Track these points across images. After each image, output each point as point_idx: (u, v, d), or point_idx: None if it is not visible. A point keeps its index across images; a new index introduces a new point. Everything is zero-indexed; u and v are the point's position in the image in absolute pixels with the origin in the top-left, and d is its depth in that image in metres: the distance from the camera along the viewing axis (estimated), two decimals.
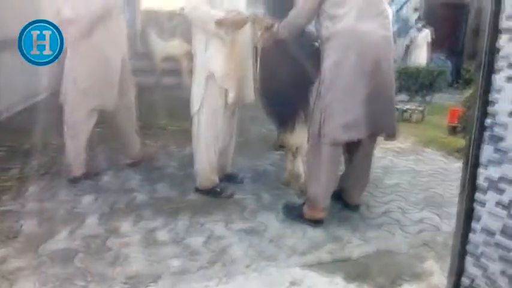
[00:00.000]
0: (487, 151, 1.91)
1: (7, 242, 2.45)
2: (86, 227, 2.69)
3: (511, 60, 1.80)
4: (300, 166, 3.42)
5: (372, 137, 2.94)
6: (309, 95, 3.18)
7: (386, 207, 3.22)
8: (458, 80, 11.44)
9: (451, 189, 3.60)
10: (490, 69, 1.86)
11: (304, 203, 2.90)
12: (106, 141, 4.60)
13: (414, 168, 4.28)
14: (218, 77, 3.08)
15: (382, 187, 3.65)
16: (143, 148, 4.07)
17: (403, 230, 2.86)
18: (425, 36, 10.65)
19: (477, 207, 1.92)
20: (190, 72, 3.76)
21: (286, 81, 3.14)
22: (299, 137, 3.27)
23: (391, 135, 2.96)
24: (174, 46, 8.87)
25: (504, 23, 1.86)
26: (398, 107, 6.59)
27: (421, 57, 10.51)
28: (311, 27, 2.99)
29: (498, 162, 1.84)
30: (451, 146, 5.03)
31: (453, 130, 5.75)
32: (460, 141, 4.94)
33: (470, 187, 1.96)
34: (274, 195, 3.34)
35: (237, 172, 3.70)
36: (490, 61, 1.86)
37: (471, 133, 1.97)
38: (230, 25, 2.99)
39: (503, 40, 1.84)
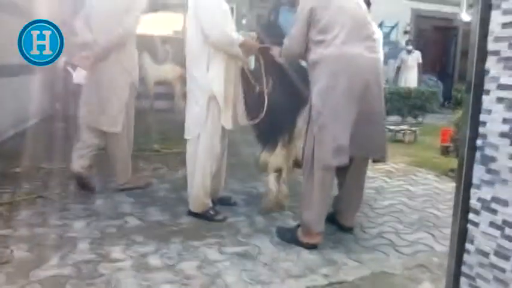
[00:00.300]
0: (479, 172, 1.91)
1: None
2: (77, 252, 2.64)
3: (500, 82, 1.82)
4: (272, 184, 3.40)
5: (363, 159, 2.95)
6: (296, 120, 3.25)
7: (380, 229, 3.21)
8: (450, 100, 11.58)
9: (445, 209, 3.60)
10: (480, 91, 1.88)
11: (298, 226, 2.88)
12: (98, 164, 4.59)
13: (408, 188, 4.28)
14: (220, 98, 3.11)
15: (376, 208, 3.65)
16: (136, 174, 4.09)
17: (397, 251, 2.85)
18: (415, 58, 10.80)
19: (471, 227, 1.91)
20: (183, 95, 3.81)
21: (275, 103, 3.21)
22: (276, 157, 3.31)
23: (381, 158, 2.97)
24: (167, 70, 8.93)
25: (491, 45, 1.88)
26: (391, 127, 6.65)
27: (411, 78, 10.63)
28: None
29: (490, 183, 1.84)
30: (444, 166, 5.05)
31: (446, 150, 5.78)
32: (453, 162, 4.96)
33: (463, 208, 1.96)
34: (268, 218, 3.33)
35: (229, 195, 3.69)
36: (479, 82, 1.88)
37: (463, 154, 1.98)
38: (248, 48, 3.15)
39: (491, 62, 1.87)
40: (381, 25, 10.83)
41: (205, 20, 3.04)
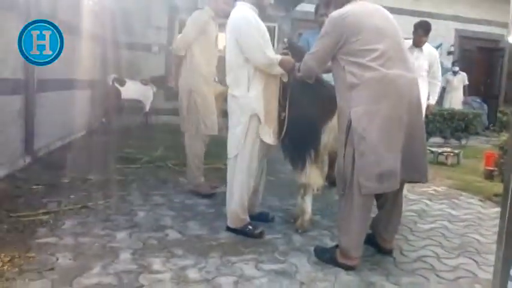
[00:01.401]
0: None
1: (44, 274, 2.49)
2: (119, 262, 2.71)
3: None
4: (308, 204, 3.45)
5: (402, 181, 2.91)
6: (320, 136, 3.29)
7: (420, 253, 3.14)
8: (495, 123, 11.24)
9: (489, 235, 3.49)
10: None
11: (337, 246, 2.86)
12: (143, 178, 4.74)
13: (450, 212, 4.18)
14: (261, 116, 3.19)
15: (417, 231, 3.57)
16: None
17: (438, 276, 2.77)
18: (461, 79, 10.61)
19: None
20: (223, 113, 3.92)
21: (298, 121, 3.24)
22: (309, 176, 3.32)
23: (423, 180, 2.91)
24: None
25: None
26: (433, 149, 6.52)
27: (457, 100, 10.42)
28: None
29: None
30: (488, 191, 4.91)
31: (490, 174, 5.62)
32: (497, 186, 4.82)
33: (508, 235, 1.92)
34: (306, 237, 3.32)
35: (267, 211, 3.71)
36: None
37: (508, 180, 1.94)
38: (285, 66, 3.18)
39: None
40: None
41: (245, 43, 3.12)
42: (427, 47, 5.22)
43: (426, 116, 5.12)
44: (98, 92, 8.38)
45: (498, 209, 1.96)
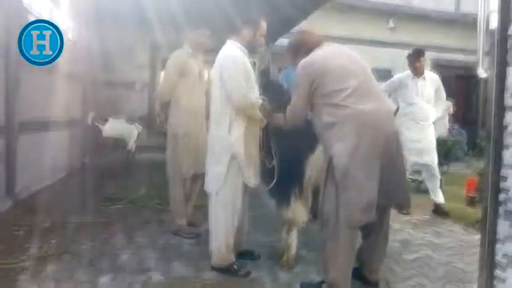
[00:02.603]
0: (503, 227, 1.91)
1: None
2: None
3: None
4: (293, 240, 3.43)
5: (386, 209, 2.95)
6: (304, 171, 3.31)
7: (406, 283, 3.14)
8: (474, 149, 11.43)
9: (472, 263, 3.51)
10: (500, 145, 1.91)
11: (322, 281, 2.85)
12: (126, 219, 4.68)
13: (433, 241, 4.20)
14: (241, 159, 3.21)
15: (402, 262, 3.58)
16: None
17: None
18: (447, 107, 10.84)
19: (497, 284, 1.89)
20: None
21: (282, 157, 3.29)
22: (294, 211, 3.32)
23: (405, 207, 2.97)
24: None
25: (509, 101, 1.92)
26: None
27: (441, 128, 10.61)
28: None
29: None
30: (470, 218, 4.96)
31: (471, 201, 5.69)
32: (479, 212, 4.86)
33: (489, 264, 1.94)
34: (292, 273, 3.30)
35: (252, 249, 3.69)
36: (498, 137, 1.91)
37: (486, 209, 1.98)
38: (264, 111, 3.25)
39: (509, 117, 1.90)
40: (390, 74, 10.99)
41: (228, 82, 3.17)
42: (428, 74, 5.36)
43: None
44: (78, 131, 8.35)
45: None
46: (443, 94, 5.43)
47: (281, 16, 7.07)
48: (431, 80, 5.32)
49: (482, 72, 2.18)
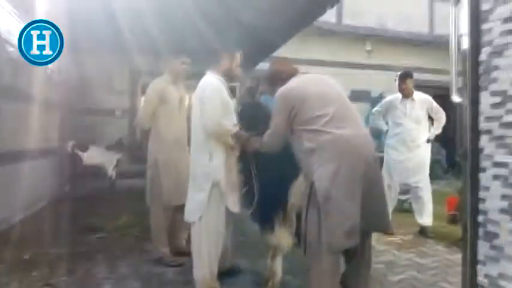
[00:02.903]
0: (483, 248, 1.93)
1: None
2: None
3: (495, 160, 1.88)
4: (278, 265, 3.43)
5: (368, 233, 2.96)
6: (287, 196, 3.30)
7: None
8: (454, 167, 11.61)
9: (457, 282, 3.53)
10: (476, 168, 1.94)
11: None
12: (107, 248, 4.61)
13: (418, 261, 4.23)
14: (223, 185, 3.24)
15: (387, 285, 3.59)
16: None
17: None
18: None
19: None
20: None
21: (264, 184, 3.30)
22: (278, 237, 3.32)
23: (388, 228, 2.98)
24: None
25: (483, 125, 1.96)
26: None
27: None
28: None
29: (495, 259, 1.86)
30: (453, 236, 5.00)
31: (453, 219, 5.75)
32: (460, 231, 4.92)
33: (471, 285, 1.96)
34: None
35: (235, 263, 3.72)
36: (474, 161, 1.95)
37: (466, 230, 2.00)
38: (238, 139, 3.31)
39: (484, 140, 1.94)
40: (380, 97, 11.16)
41: (203, 107, 3.24)
42: (418, 95, 5.43)
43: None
44: (58, 160, 8.25)
45: None
46: (440, 112, 5.46)
47: (260, 42, 7.16)
48: (421, 101, 5.41)
49: (456, 97, 2.23)
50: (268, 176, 3.29)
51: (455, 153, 12.11)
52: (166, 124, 4.18)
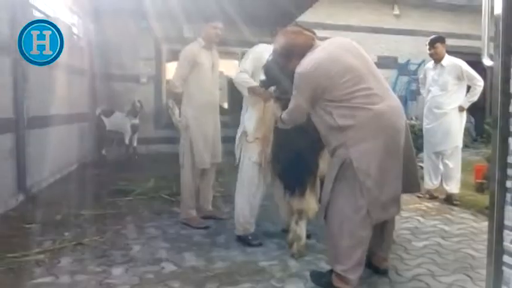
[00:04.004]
0: (510, 213, 1.92)
1: None
2: None
3: None
4: (303, 229, 3.47)
5: None
6: (319, 163, 3.37)
7: (416, 271, 3.16)
8: (483, 135, 11.37)
9: (482, 249, 3.52)
10: (506, 133, 1.91)
11: (331, 270, 2.87)
12: (136, 210, 4.74)
13: (443, 228, 4.22)
14: (249, 134, 3.55)
15: (411, 250, 3.60)
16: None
17: None
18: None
19: (506, 269, 1.91)
20: None
21: (297, 148, 3.30)
22: (307, 202, 3.38)
23: (418, 191, 3.01)
24: None
25: None
26: (423, 165, 6.58)
27: None
28: None
29: None
30: (479, 204, 4.97)
31: (480, 187, 5.68)
32: (488, 199, 4.87)
33: (497, 250, 1.96)
34: (302, 262, 3.33)
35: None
36: (504, 125, 1.91)
37: (493, 196, 1.99)
38: (258, 95, 3.50)
39: None
40: (407, 63, 10.91)
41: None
42: (448, 60, 5.30)
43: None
44: (87, 125, 8.42)
45: None
46: (474, 78, 5.26)
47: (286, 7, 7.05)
48: (450, 66, 5.26)
49: (487, 61, 2.18)
50: (302, 142, 3.27)
51: (484, 122, 11.85)
52: (198, 88, 4.23)
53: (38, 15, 5.86)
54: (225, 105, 10.22)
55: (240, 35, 6.81)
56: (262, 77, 3.50)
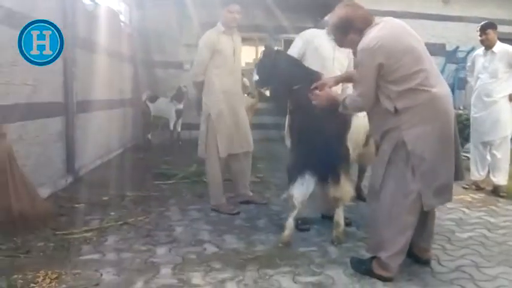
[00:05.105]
0: None
1: None
2: (160, 276, 2.81)
3: None
4: (341, 216, 3.46)
5: None
6: (347, 147, 3.36)
7: (459, 262, 3.10)
8: None
9: None
10: None
11: (373, 257, 2.86)
12: (179, 193, 4.84)
13: (488, 220, 4.11)
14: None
15: (455, 240, 3.53)
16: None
17: (477, 285, 2.74)
18: None
19: None
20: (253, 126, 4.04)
21: (323, 136, 3.23)
22: (343, 189, 3.32)
23: (462, 178, 2.94)
24: None
25: None
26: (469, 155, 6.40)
27: None
28: None
29: None
30: None
31: None
32: None
33: None
34: (341, 249, 3.33)
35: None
36: None
37: None
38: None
39: None
40: (456, 50, 10.54)
41: None
42: (500, 47, 5.12)
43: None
44: (132, 110, 8.64)
45: None
46: None
47: None
48: (502, 53, 5.06)
49: None
50: (324, 129, 3.23)
51: None
52: (219, 76, 4.18)
53: (86, 2, 6.04)
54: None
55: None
56: (256, 76, 3.51)
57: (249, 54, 10.33)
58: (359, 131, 3.51)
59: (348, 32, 2.79)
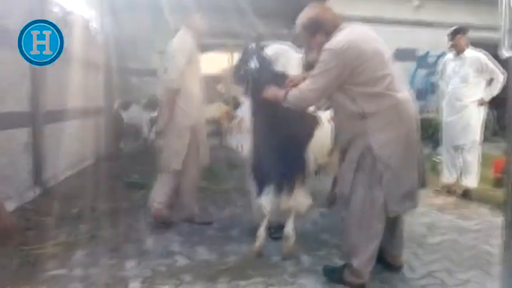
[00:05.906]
0: None
1: None
2: None
3: None
4: (290, 227, 3.33)
5: None
6: (306, 157, 3.24)
7: (430, 267, 3.12)
8: (504, 129, 11.15)
9: (499, 245, 3.44)
10: None
11: (344, 265, 2.85)
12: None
13: (459, 224, 4.15)
14: None
15: (426, 246, 3.55)
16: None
17: None
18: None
19: None
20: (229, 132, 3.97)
21: (282, 143, 3.13)
22: (296, 199, 3.24)
23: (424, 187, 2.95)
24: (214, 108, 9.15)
25: None
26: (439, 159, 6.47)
27: None
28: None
29: None
30: (497, 199, 4.85)
31: (499, 182, 5.56)
32: None
33: None
34: (315, 257, 3.31)
35: None
36: None
37: (509, 190, 1.94)
38: None
39: None
40: (427, 55, 10.71)
41: None
42: (470, 53, 5.19)
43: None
44: (103, 119, 8.48)
45: None
46: (494, 71, 5.11)
47: None
48: (471, 58, 5.15)
49: (504, 53, 2.11)
50: (284, 136, 3.11)
51: (504, 115, 11.61)
52: (194, 85, 3.98)
53: (56, 10, 5.91)
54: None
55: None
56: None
57: (223, 61, 10.30)
58: (323, 139, 3.40)
59: (316, 33, 2.78)
